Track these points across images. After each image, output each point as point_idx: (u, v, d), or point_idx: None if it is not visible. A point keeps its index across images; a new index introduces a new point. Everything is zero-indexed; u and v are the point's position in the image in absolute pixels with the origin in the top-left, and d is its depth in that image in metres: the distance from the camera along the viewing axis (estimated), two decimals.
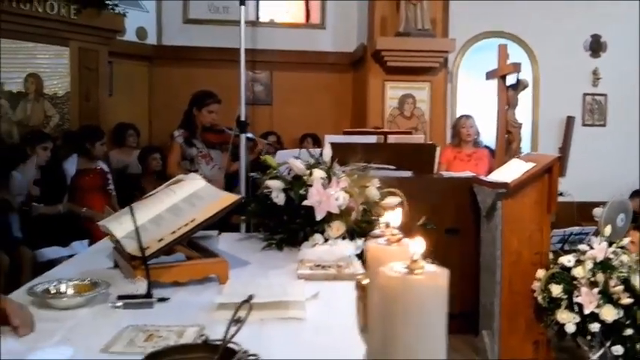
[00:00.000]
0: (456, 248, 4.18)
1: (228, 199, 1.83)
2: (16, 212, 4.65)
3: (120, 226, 1.86)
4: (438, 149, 4.63)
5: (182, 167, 4.56)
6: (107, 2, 5.71)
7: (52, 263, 4.38)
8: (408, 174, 4.19)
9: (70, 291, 1.62)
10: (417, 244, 1.09)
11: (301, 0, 7.79)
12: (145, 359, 0.99)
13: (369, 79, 6.61)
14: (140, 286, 1.65)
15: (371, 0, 6.59)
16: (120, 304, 1.57)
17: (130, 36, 6.81)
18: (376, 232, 1.51)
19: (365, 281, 1.15)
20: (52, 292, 1.59)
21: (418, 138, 5.02)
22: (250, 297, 1.05)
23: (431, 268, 1.07)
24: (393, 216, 1.28)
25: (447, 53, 6.47)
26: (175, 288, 1.72)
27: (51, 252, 4.55)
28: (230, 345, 0.98)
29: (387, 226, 1.28)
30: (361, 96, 6.90)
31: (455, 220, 4.31)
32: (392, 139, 4.57)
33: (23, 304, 1.44)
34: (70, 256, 4.47)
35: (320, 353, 1.29)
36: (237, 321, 0.99)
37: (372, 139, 4.51)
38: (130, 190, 5.64)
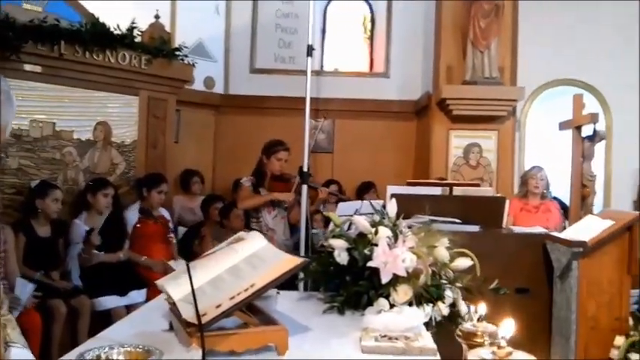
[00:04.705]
0: (526, 309, 3.90)
1: (289, 262, 1.72)
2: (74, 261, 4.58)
3: (178, 287, 1.78)
4: (507, 202, 4.42)
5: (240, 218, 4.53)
6: (177, 53, 5.82)
7: (109, 312, 4.37)
8: (475, 228, 4.00)
9: (122, 358, 1.54)
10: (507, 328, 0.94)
11: (365, 49, 7.80)
12: None
13: (434, 128, 6.48)
14: (195, 355, 1.56)
15: (436, 46, 6.52)
16: None
17: (198, 85, 6.97)
18: (468, 326, 1.35)
19: None
20: (103, 359, 1.52)
21: (486, 190, 4.81)
22: None
23: (520, 355, 0.92)
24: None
25: (515, 102, 6.28)
26: (231, 357, 1.63)
27: (108, 301, 4.43)
28: None
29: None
30: (425, 145, 6.77)
31: (525, 279, 4.04)
32: (458, 191, 4.39)
33: None
34: (128, 305, 4.46)
35: None
36: None
37: (437, 190, 4.35)
38: (191, 239, 5.65)
